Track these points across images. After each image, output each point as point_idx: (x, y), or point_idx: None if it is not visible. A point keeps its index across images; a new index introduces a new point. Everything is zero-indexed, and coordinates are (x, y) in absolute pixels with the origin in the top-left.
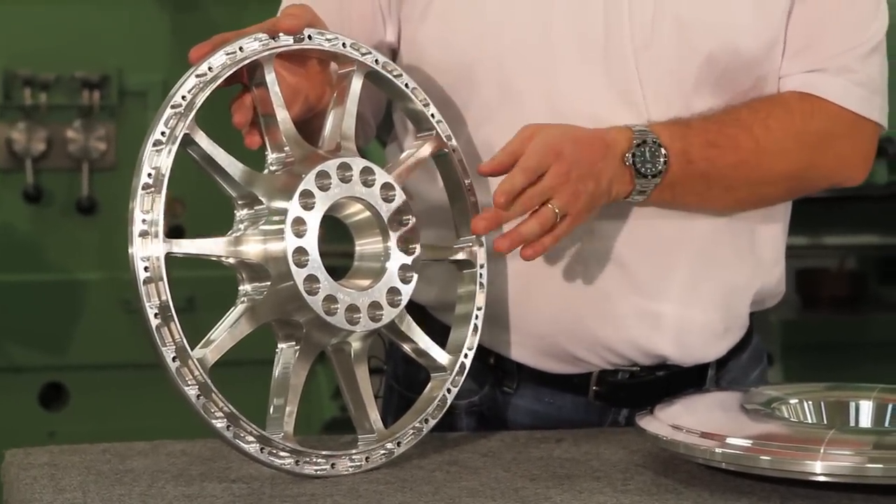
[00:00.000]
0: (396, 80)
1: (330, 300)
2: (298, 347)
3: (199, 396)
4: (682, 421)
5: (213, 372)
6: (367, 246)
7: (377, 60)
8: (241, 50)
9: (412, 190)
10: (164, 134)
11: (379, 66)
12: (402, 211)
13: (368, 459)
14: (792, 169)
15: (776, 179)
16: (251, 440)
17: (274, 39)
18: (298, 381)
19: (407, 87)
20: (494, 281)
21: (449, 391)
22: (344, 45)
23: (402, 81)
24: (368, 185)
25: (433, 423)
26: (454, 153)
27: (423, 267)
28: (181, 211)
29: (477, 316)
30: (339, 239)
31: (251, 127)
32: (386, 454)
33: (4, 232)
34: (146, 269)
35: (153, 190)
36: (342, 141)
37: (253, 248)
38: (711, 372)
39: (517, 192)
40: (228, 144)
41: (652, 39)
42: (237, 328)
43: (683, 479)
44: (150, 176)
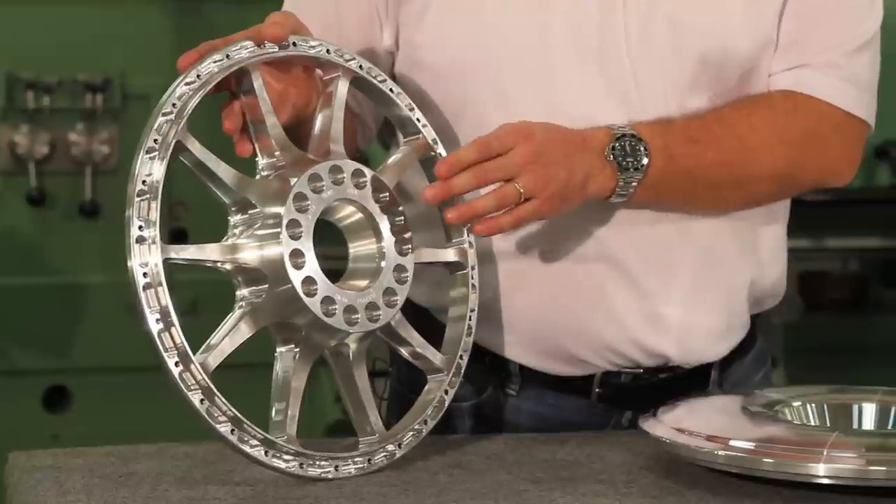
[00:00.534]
0: (380, 84)
1: (328, 302)
2: (298, 350)
3: (202, 401)
4: (685, 423)
5: (214, 376)
6: (360, 248)
7: (361, 66)
8: (228, 57)
9: (404, 192)
10: (156, 141)
11: (363, 71)
12: (394, 212)
13: (371, 461)
14: (776, 167)
15: (761, 178)
16: (255, 443)
17: (260, 47)
18: (299, 384)
19: (392, 91)
20: (494, 282)
21: (446, 392)
22: (328, 51)
23: (386, 86)
24: (360, 186)
25: (432, 424)
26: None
27: (418, 269)
28: (184, 214)
29: (470, 317)
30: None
31: (241, 134)
32: (387, 456)
33: (8, 235)
34: (145, 275)
35: (149, 196)
36: (331, 144)
37: (249, 252)
38: (715, 374)
39: (463, 164)
40: (220, 151)
41: (646, 41)
42: (237, 333)
43: (687, 481)
44: (144, 183)
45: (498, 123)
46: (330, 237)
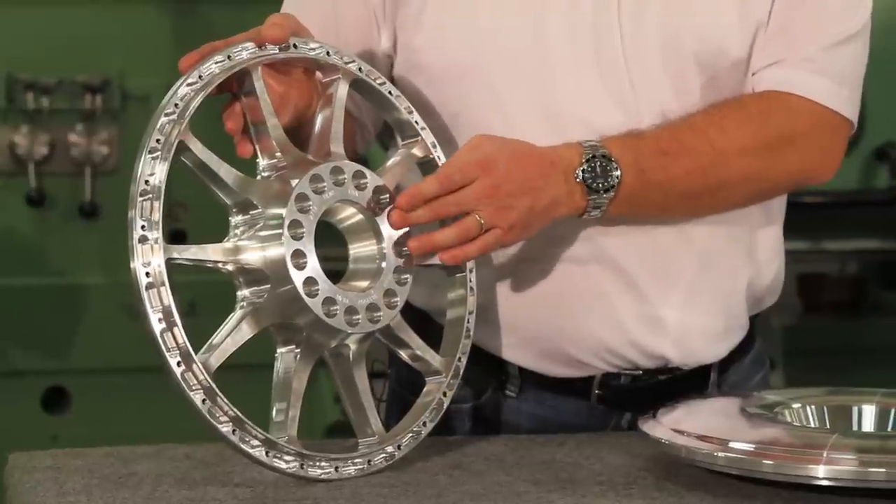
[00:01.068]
0: (380, 87)
1: (329, 302)
2: (298, 351)
3: (204, 401)
4: (684, 425)
5: (214, 376)
6: (361, 249)
7: (360, 68)
8: (229, 58)
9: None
10: (159, 142)
11: (363, 73)
12: None
13: (370, 463)
14: (751, 170)
15: (734, 182)
16: (256, 444)
17: (261, 48)
18: (300, 384)
19: (391, 94)
20: (492, 284)
21: (445, 394)
22: (328, 53)
23: (385, 89)
24: (361, 188)
25: (431, 426)
26: (439, 161)
27: (419, 271)
28: (184, 215)
29: (469, 320)
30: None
31: (242, 135)
32: (387, 457)
33: (7, 236)
34: (147, 274)
35: (151, 197)
36: (331, 146)
37: (251, 253)
38: (714, 376)
39: (425, 197)
40: (221, 153)
41: (641, 41)
42: (238, 333)
43: (686, 483)
44: (147, 183)
45: (494, 125)
46: (328, 239)
